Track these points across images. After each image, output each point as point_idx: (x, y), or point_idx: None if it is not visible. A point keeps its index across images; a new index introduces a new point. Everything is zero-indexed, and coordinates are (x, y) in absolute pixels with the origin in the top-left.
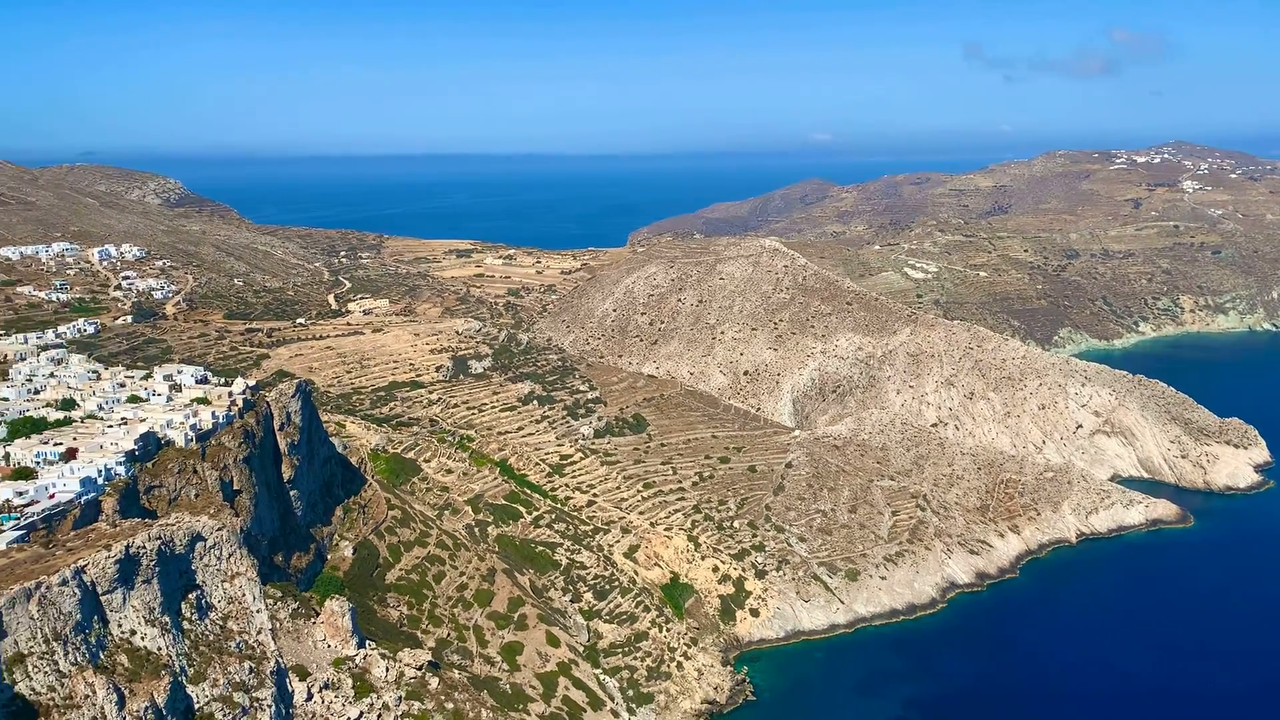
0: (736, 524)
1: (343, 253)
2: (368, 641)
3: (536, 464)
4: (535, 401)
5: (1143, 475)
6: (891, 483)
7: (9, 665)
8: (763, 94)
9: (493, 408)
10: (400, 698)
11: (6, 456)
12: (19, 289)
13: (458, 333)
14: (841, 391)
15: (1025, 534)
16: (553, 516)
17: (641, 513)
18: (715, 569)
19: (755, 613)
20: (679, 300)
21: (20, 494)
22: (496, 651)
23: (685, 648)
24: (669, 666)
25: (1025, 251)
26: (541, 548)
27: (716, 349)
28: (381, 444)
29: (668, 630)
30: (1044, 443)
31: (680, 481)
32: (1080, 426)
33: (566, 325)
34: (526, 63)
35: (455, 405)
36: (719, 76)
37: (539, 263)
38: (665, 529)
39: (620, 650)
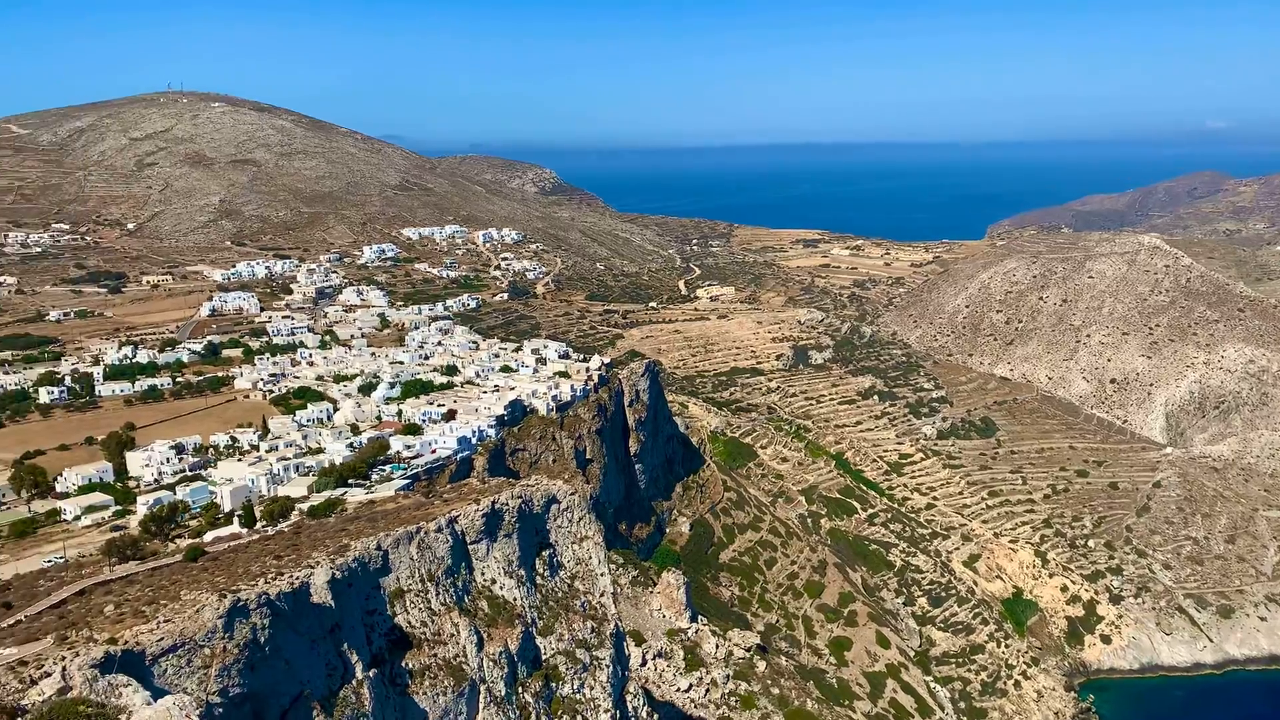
0: (1091, 543)
1: (694, 240)
2: (699, 617)
3: (874, 460)
4: (876, 396)
5: None
6: None
7: (391, 598)
8: (1151, 77)
9: (831, 400)
10: (728, 676)
11: (399, 413)
12: (417, 266)
13: (800, 322)
14: (1226, 408)
15: None
16: (888, 515)
17: (985, 521)
18: (1064, 589)
19: (1106, 639)
20: (1040, 298)
21: (408, 447)
22: (825, 644)
23: (1025, 666)
24: (1005, 684)
25: None
26: (875, 546)
27: (1080, 353)
28: (721, 427)
29: (1006, 646)
30: None
31: (1030, 492)
32: None
33: (914, 320)
34: (882, 48)
35: (793, 394)
36: (1099, 58)
37: (887, 254)
38: (1010, 541)
39: (953, 660)
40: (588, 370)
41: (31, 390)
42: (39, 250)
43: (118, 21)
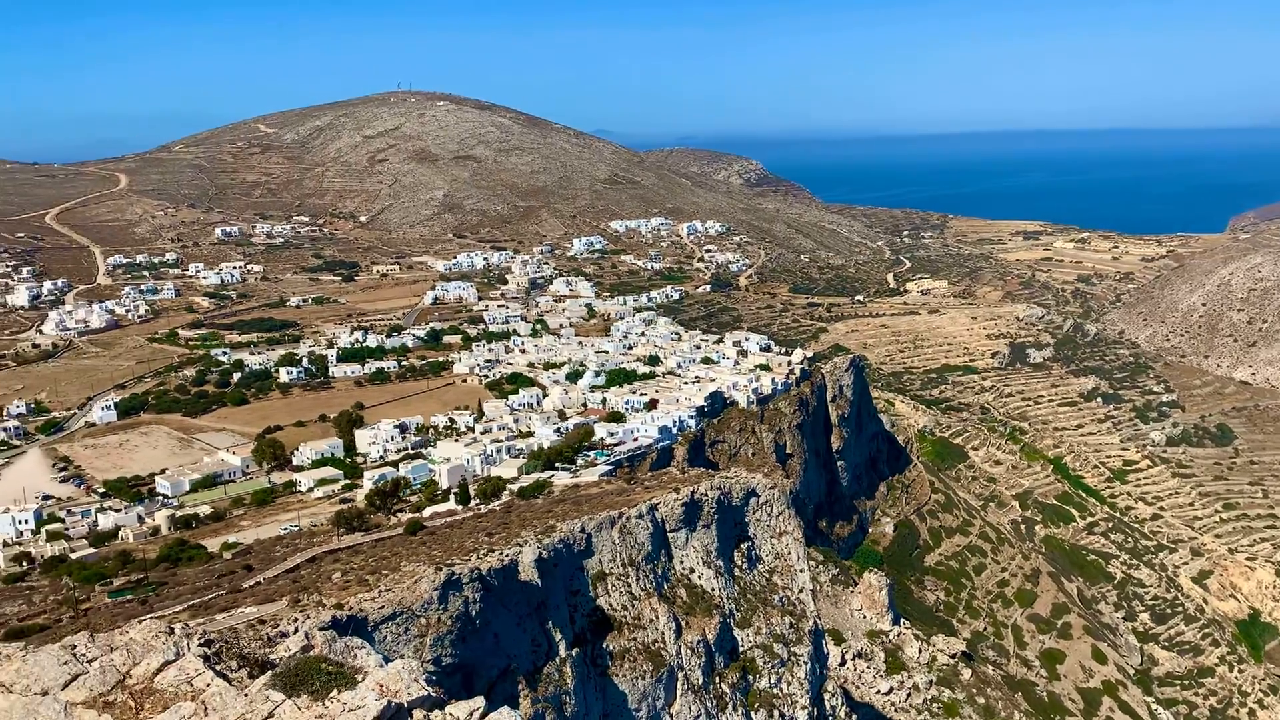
0: None
1: (905, 232)
2: (902, 619)
3: (1095, 466)
4: (1099, 399)
5: None
6: None
7: (593, 580)
8: None
9: (1050, 401)
10: (930, 681)
11: (604, 401)
12: (622, 258)
13: (1018, 319)
14: None
15: None
16: (1109, 525)
17: (1218, 536)
18: None
19: None
20: None
21: (611, 434)
22: (1035, 655)
23: (1261, 695)
24: (1238, 711)
25: None
26: (1094, 556)
27: None
28: (929, 426)
29: (1240, 671)
30: None
31: (1272, 507)
32: None
33: (1143, 318)
34: (1115, 27)
35: (1009, 394)
36: None
37: (1115, 247)
38: (1247, 558)
39: (1178, 682)
40: (789, 364)
41: (273, 370)
42: (282, 241)
43: (356, 25)
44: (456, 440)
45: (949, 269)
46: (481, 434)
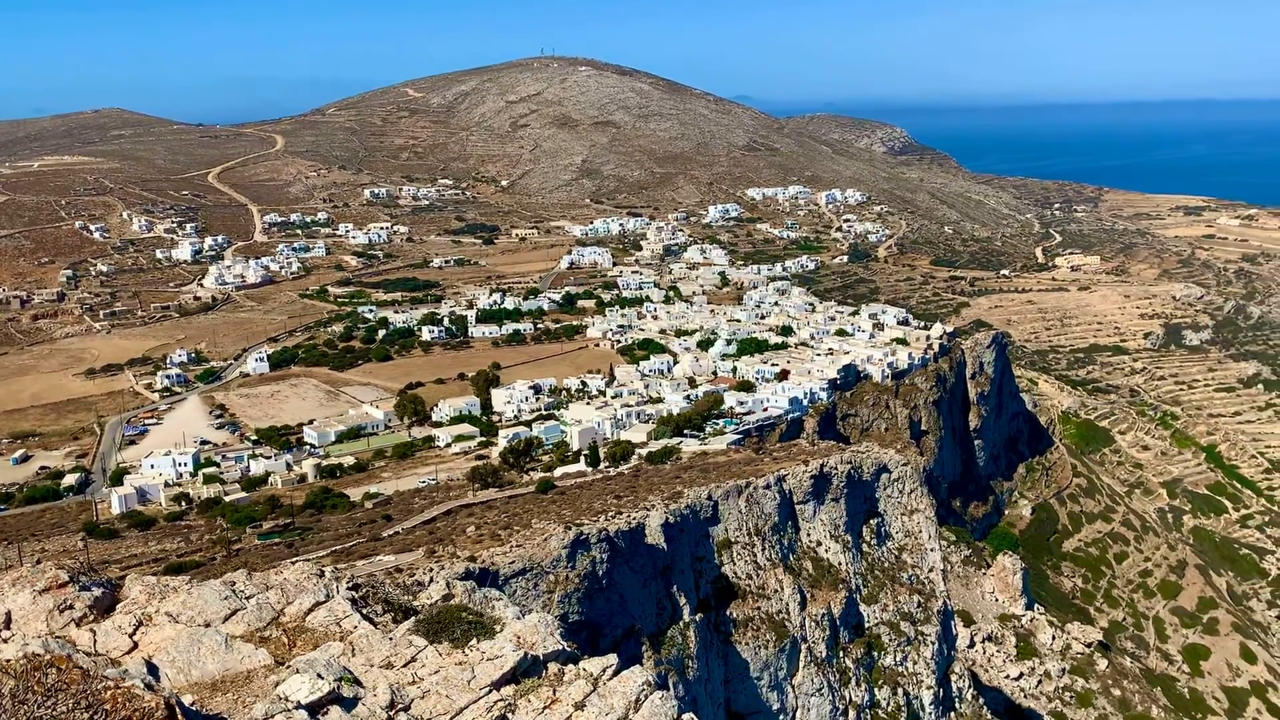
0: None
1: (1056, 205)
2: (1036, 605)
3: (1252, 456)
4: (1261, 385)
5: None
6: None
7: (719, 548)
8: None
9: (1205, 386)
10: (1064, 670)
11: (734, 370)
12: (758, 226)
13: (1174, 298)
14: None
15: None
16: (1266, 518)
17: None
18: None
19: None
20: None
21: (741, 403)
22: (1177, 650)
23: None
24: None
25: None
26: (1247, 551)
27: None
28: (1074, 407)
29: None
30: None
31: None
32: None
33: None
34: None
35: (1161, 377)
36: None
37: None
38: None
39: None
40: (928, 338)
41: (415, 328)
42: (426, 203)
43: None
44: (588, 403)
45: (1102, 244)
46: (612, 398)
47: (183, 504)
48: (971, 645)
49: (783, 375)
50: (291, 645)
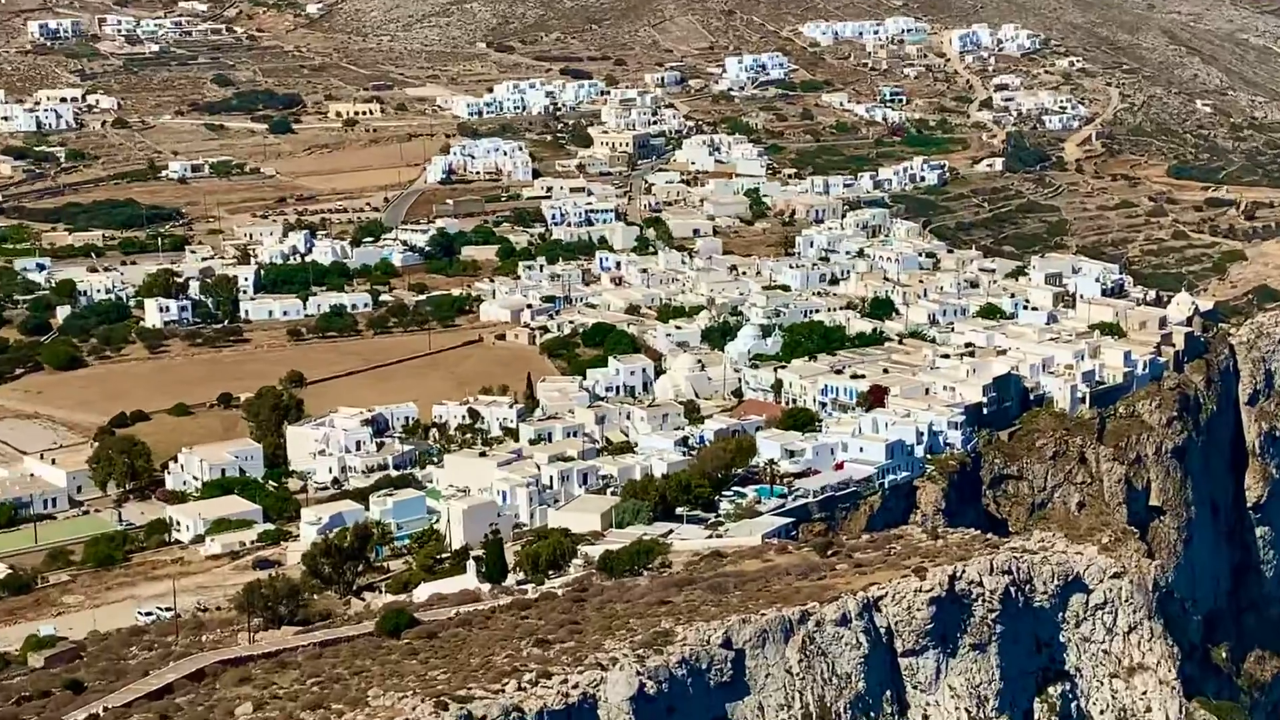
0: None
1: None
2: None
3: None
4: None
5: None
6: None
7: None
8: None
9: None
10: None
11: (776, 386)
12: (824, 97)
13: None
14: None
15: None
16: None
17: None
18: None
19: None
20: None
21: (791, 454)
22: None
23: None
24: None
25: None
26: None
27: None
28: None
29: None
30: None
31: None
32: None
33: None
34: None
35: None
36: None
37: None
38: None
39: None
40: (1163, 324)
41: (134, 302)
42: (156, 49)
43: None
44: (482, 454)
45: None
46: (532, 442)
47: None
48: None
49: (874, 397)
50: None
